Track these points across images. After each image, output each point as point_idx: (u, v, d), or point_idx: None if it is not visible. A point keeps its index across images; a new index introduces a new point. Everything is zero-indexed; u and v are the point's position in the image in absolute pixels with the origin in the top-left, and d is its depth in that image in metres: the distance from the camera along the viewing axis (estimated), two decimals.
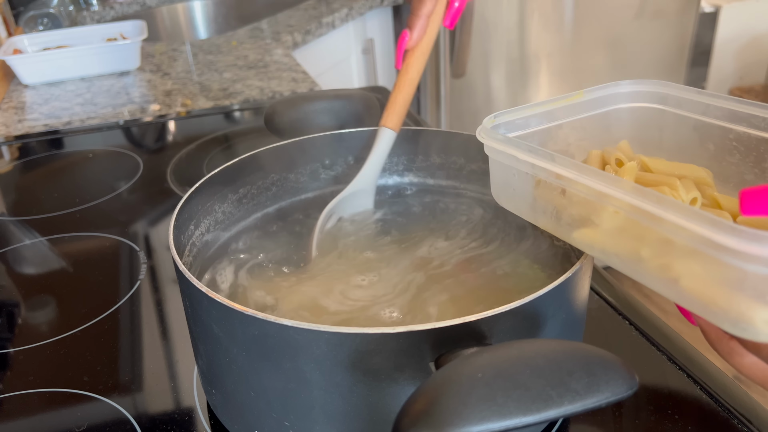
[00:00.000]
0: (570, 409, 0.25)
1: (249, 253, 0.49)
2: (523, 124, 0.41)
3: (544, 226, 0.37)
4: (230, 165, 0.48)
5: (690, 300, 0.29)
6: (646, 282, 0.31)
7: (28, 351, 0.51)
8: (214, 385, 0.39)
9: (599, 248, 0.33)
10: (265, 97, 1.02)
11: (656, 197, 0.28)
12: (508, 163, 0.38)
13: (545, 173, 0.34)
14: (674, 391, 0.43)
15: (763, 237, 0.24)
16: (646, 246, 0.30)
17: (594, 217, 0.33)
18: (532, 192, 0.37)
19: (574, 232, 0.35)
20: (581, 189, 0.32)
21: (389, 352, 0.31)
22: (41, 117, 1.00)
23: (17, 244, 0.67)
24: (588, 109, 0.43)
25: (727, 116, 0.39)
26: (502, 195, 0.41)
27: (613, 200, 0.31)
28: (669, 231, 0.28)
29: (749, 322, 0.26)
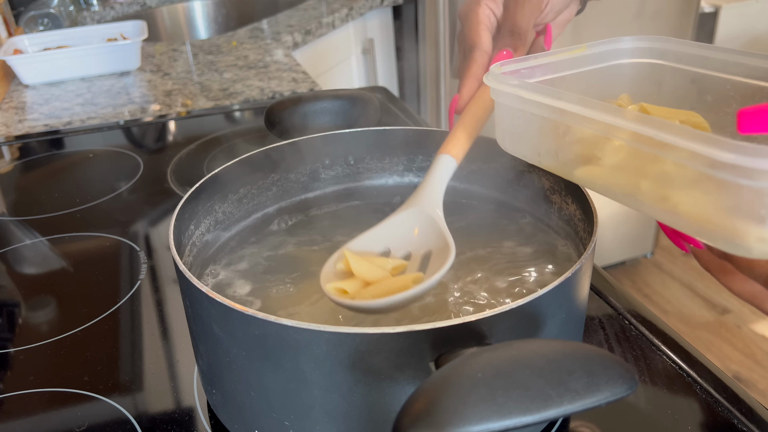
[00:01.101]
0: (570, 409, 0.25)
1: (249, 253, 0.49)
2: (527, 74, 0.42)
3: (547, 166, 0.39)
4: (230, 165, 0.48)
5: (686, 224, 0.30)
6: (646, 211, 0.33)
7: (28, 351, 0.51)
8: (215, 385, 0.39)
9: (601, 183, 0.35)
10: (265, 97, 1.02)
11: (658, 123, 0.30)
12: (514, 106, 0.39)
13: (550, 110, 0.36)
14: (674, 391, 0.43)
15: (760, 150, 0.25)
16: (646, 179, 0.32)
17: (597, 152, 0.34)
18: (537, 133, 0.38)
19: (576, 170, 0.36)
20: (586, 123, 0.34)
21: (389, 352, 0.31)
22: (41, 117, 1.00)
23: (17, 244, 0.67)
24: (590, 63, 0.44)
25: (725, 67, 0.40)
26: (507, 140, 0.42)
27: (616, 131, 0.32)
28: (672, 155, 0.29)
29: (743, 238, 0.27)
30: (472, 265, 0.46)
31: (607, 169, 0.34)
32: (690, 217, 0.30)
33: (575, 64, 0.43)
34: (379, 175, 0.56)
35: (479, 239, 0.49)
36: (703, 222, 0.29)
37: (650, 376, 0.44)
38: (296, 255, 0.48)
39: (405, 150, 0.55)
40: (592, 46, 0.43)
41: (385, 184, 0.56)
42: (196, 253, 0.46)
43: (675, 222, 0.31)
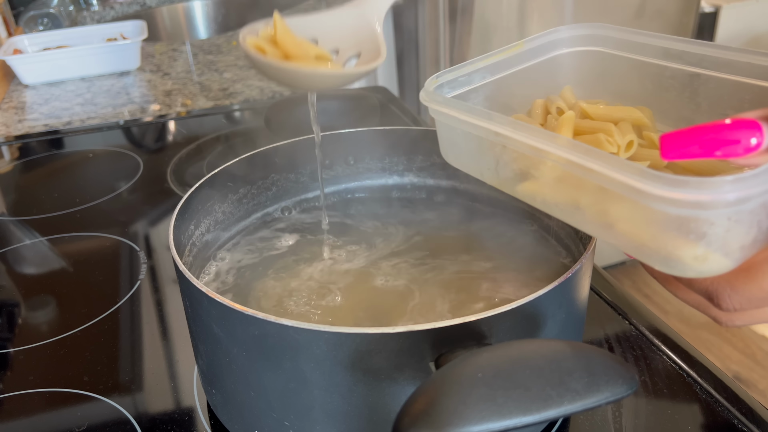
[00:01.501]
0: (570, 409, 0.25)
1: (249, 253, 0.49)
2: (466, 81, 0.41)
3: (490, 181, 0.39)
4: (230, 165, 0.48)
5: (625, 243, 0.30)
6: (586, 228, 0.33)
7: (28, 351, 0.51)
8: (214, 385, 0.39)
9: (540, 199, 0.35)
10: (265, 97, 1.02)
11: (585, 150, 0.30)
12: (451, 124, 0.38)
13: (485, 132, 0.35)
14: (674, 391, 0.43)
15: (683, 182, 0.25)
16: (583, 195, 0.32)
17: (533, 170, 0.34)
18: (475, 150, 0.38)
19: (517, 186, 0.36)
20: (518, 145, 0.34)
21: (389, 352, 0.31)
22: (41, 117, 1.00)
23: (17, 244, 0.67)
24: (529, 59, 0.43)
25: (662, 54, 0.40)
26: (450, 154, 0.42)
27: (547, 155, 0.32)
28: (600, 180, 0.29)
29: (678, 259, 0.27)
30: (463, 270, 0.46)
31: (546, 186, 0.34)
32: (627, 236, 0.30)
33: (515, 61, 0.43)
34: (379, 175, 0.56)
35: (478, 237, 0.49)
36: (640, 242, 0.29)
37: (650, 376, 0.44)
38: (296, 255, 0.48)
39: (405, 150, 0.55)
40: (530, 41, 0.43)
41: (385, 184, 0.56)
42: (196, 253, 0.46)
43: (615, 241, 0.31)
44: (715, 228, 0.26)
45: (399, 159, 0.55)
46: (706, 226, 0.26)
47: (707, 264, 0.27)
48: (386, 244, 0.49)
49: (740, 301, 0.27)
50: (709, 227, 0.26)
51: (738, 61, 0.36)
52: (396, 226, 0.51)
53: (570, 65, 0.45)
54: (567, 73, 0.45)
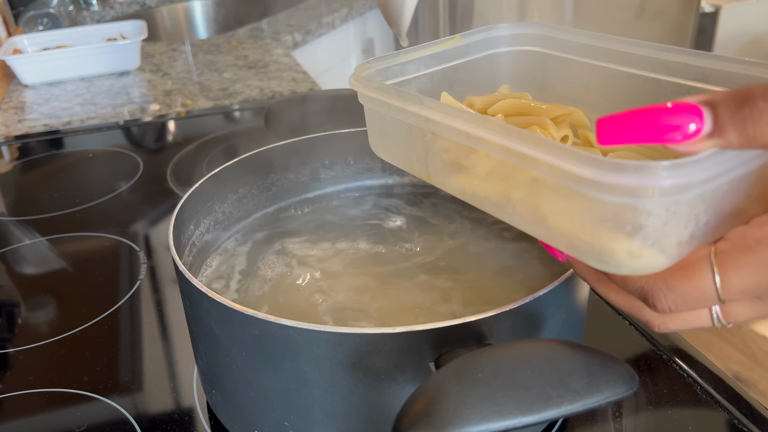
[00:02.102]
0: (570, 409, 0.25)
1: (249, 253, 0.49)
2: (399, 71, 0.39)
3: (419, 173, 0.37)
4: (230, 165, 0.48)
5: (557, 238, 0.29)
6: (517, 224, 0.31)
7: (28, 351, 0.51)
8: (214, 385, 0.39)
9: (470, 193, 0.33)
10: (265, 97, 1.02)
11: (519, 133, 0.28)
12: (380, 111, 0.37)
13: (415, 118, 0.34)
14: (674, 391, 0.43)
15: (619, 165, 0.24)
16: (515, 188, 0.30)
17: (464, 161, 0.32)
18: (405, 139, 0.36)
19: (447, 179, 0.34)
20: (449, 132, 0.32)
21: (389, 352, 0.31)
22: (41, 117, 1.00)
23: (17, 244, 0.67)
24: (465, 54, 0.41)
25: (609, 56, 0.38)
26: (378, 145, 0.40)
27: (479, 141, 0.30)
28: (533, 167, 0.28)
29: (611, 255, 0.26)
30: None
31: (477, 178, 0.32)
32: (559, 231, 0.28)
33: (450, 56, 0.41)
34: (378, 175, 0.56)
35: (477, 236, 0.49)
36: (572, 237, 0.28)
37: (650, 376, 0.44)
38: (296, 255, 0.48)
39: None
40: (467, 36, 0.41)
41: (384, 184, 0.56)
42: (196, 253, 0.46)
43: (546, 236, 0.29)
44: (652, 220, 0.24)
45: None
46: (642, 217, 0.24)
47: (642, 260, 0.25)
48: (386, 244, 0.49)
49: (676, 302, 0.25)
50: (645, 218, 0.24)
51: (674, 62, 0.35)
52: (396, 225, 0.51)
53: (508, 65, 0.43)
54: (504, 72, 0.43)
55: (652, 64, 0.36)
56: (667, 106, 0.23)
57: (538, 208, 0.29)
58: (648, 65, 0.36)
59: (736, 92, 0.23)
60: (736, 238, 0.25)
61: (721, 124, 0.23)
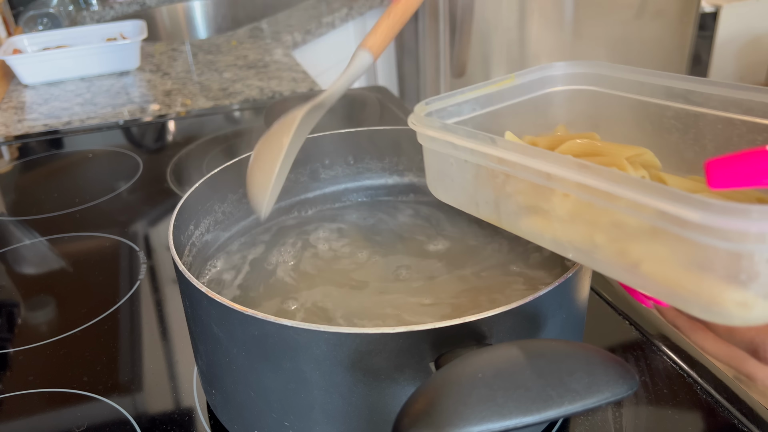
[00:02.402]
0: (570, 409, 0.25)
1: (249, 253, 0.49)
2: (455, 111, 0.39)
3: (488, 217, 0.35)
4: (230, 165, 0.48)
5: (653, 286, 0.27)
6: (605, 270, 0.29)
7: (27, 351, 0.51)
8: (214, 386, 0.39)
9: (550, 237, 0.31)
10: (265, 97, 1.02)
11: (610, 174, 0.26)
12: (444, 151, 0.36)
13: (486, 158, 0.32)
14: (674, 391, 0.43)
15: (735, 210, 0.22)
16: (600, 230, 0.28)
17: (543, 203, 0.31)
18: (472, 181, 0.35)
19: (521, 222, 0.33)
20: (526, 172, 0.30)
21: (389, 352, 0.31)
22: (41, 117, 1.00)
23: (17, 244, 0.67)
24: (521, 94, 0.41)
25: (664, 93, 0.37)
26: (440, 187, 0.39)
27: (563, 182, 0.28)
28: (626, 210, 0.26)
29: (721, 305, 0.24)
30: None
31: (557, 222, 0.30)
32: (656, 278, 0.26)
33: (505, 96, 0.40)
34: (379, 175, 0.56)
35: (479, 237, 0.49)
36: (673, 285, 0.25)
37: (651, 376, 0.44)
38: (296, 255, 0.48)
39: (405, 150, 0.55)
40: (522, 75, 0.41)
41: (384, 184, 0.56)
42: (196, 253, 0.46)
43: (639, 284, 0.27)
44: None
45: (399, 159, 0.55)
46: (761, 264, 0.22)
47: (756, 311, 0.23)
48: (386, 243, 0.49)
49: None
50: (764, 266, 0.22)
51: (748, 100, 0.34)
52: (396, 225, 0.51)
53: (563, 104, 0.42)
54: (560, 111, 0.42)
55: (723, 103, 0.35)
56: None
57: (628, 253, 0.27)
58: (718, 103, 0.35)
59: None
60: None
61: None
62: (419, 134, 0.37)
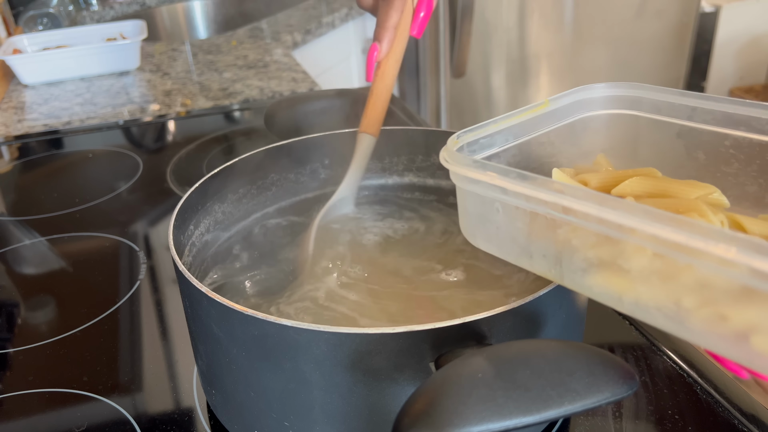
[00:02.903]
0: (570, 409, 0.25)
1: (248, 253, 0.49)
2: (488, 143, 0.35)
3: (545, 273, 0.31)
4: (230, 165, 0.48)
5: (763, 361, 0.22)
6: (704, 343, 0.25)
7: (27, 351, 0.51)
8: (214, 386, 0.39)
9: (631, 300, 0.27)
10: (265, 97, 1.02)
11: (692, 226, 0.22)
12: (488, 195, 0.31)
13: (546, 206, 0.28)
14: (674, 391, 0.43)
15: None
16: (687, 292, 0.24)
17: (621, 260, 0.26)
18: (524, 230, 0.30)
19: (590, 280, 0.28)
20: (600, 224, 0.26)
21: (389, 352, 0.31)
22: (41, 117, 1.00)
23: (17, 244, 0.67)
24: (555, 120, 0.38)
25: (720, 119, 0.33)
26: (480, 234, 0.33)
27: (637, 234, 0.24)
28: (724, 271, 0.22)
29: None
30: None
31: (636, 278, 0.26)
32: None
33: (539, 123, 0.37)
34: (379, 175, 0.56)
35: None
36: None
37: (651, 376, 0.44)
38: (296, 255, 0.48)
39: (405, 150, 0.55)
40: (556, 100, 0.37)
41: (385, 184, 0.56)
42: (196, 253, 0.46)
43: (752, 361, 0.23)
44: None
45: (399, 159, 0.55)
46: None
47: None
48: (387, 243, 0.49)
49: None
50: None
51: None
52: (397, 225, 0.51)
53: (601, 130, 0.39)
54: (598, 138, 0.39)
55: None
56: None
57: (727, 317, 0.23)
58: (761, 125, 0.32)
59: None
60: None
61: None
62: (453, 174, 0.32)
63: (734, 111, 0.33)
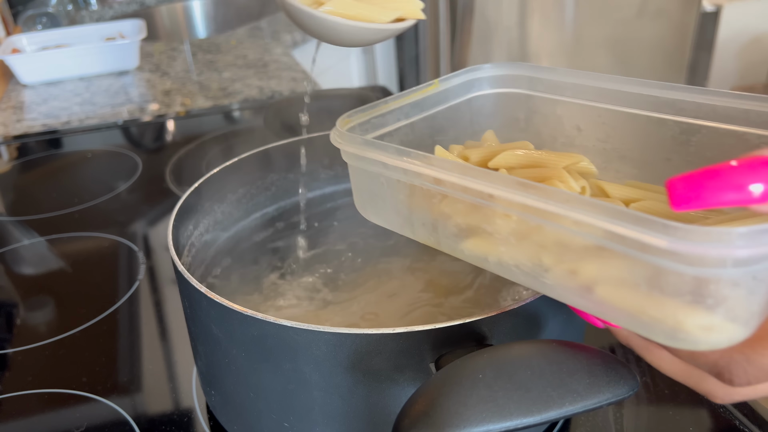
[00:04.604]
0: (571, 410, 0.25)
1: (248, 252, 0.49)
2: (380, 123, 0.37)
3: (425, 240, 0.33)
4: (230, 165, 0.48)
5: (610, 311, 0.25)
6: (557, 295, 0.27)
7: (26, 351, 0.51)
8: (213, 386, 0.39)
9: (495, 260, 0.29)
10: (265, 96, 1.02)
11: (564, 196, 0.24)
12: (374, 170, 0.33)
13: (420, 178, 0.30)
14: (675, 392, 0.43)
15: (704, 234, 0.21)
16: (547, 251, 0.26)
17: (484, 224, 0.28)
18: (406, 202, 0.32)
19: (462, 244, 0.30)
20: (465, 193, 0.28)
21: (389, 353, 0.31)
22: (40, 117, 1.00)
23: (16, 244, 0.67)
24: (446, 100, 0.39)
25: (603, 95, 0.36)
26: (369, 207, 0.36)
27: (503, 202, 0.26)
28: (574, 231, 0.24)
29: (687, 331, 0.23)
30: None
31: (502, 244, 0.28)
32: (612, 303, 0.24)
33: (430, 103, 0.38)
34: None
35: None
36: (633, 311, 0.24)
37: (651, 377, 0.44)
38: (295, 255, 0.48)
39: None
40: (445, 80, 0.39)
41: None
42: (195, 253, 0.46)
43: (595, 309, 0.25)
44: (738, 290, 0.21)
45: None
46: (727, 288, 0.21)
47: (722, 334, 0.22)
48: (387, 243, 0.49)
49: (756, 375, 0.23)
50: (731, 290, 0.21)
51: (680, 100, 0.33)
52: None
53: (490, 109, 0.41)
54: (487, 116, 0.41)
55: (655, 103, 0.34)
56: (748, 164, 0.21)
57: (579, 274, 0.25)
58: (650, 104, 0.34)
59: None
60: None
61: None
62: (343, 152, 0.34)
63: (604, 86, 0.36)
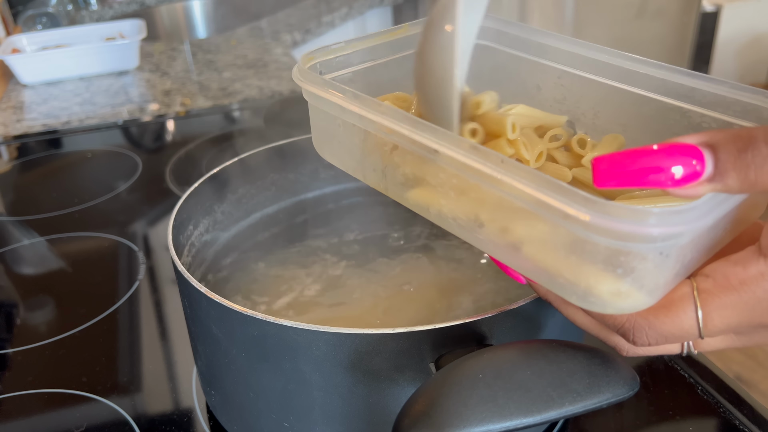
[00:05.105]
0: (571, 410, 0.25)
1: (248, 253, 0.49)
2: (343, 63, 0.36)
3: (375, 184, 0.33)
4: (230, 165, 0.48)
5: (533, 270, 0.27)
6: (487, 249, 0.29)
7: (26, 351, 0.51)
8: (213, 386, 0.39)
9: (435, 212, 0.30)
10: (265, 96, 1.02)
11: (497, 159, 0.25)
12: (332, 112, 0.33)
13: (374, 125, 0.30)
14: (675, 392, 0.43)
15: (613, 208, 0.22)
16: (485, 209, 0.27)
17: (429, 177, 0.29)
18: (360, 146, 0.33)
19: (407, 193, 0.31)
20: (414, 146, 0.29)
21: (389, 353, 0.31)
22: (40, 117, 1.00)
23: (16, 244, 0.67)
24: (413, 45, 0.37)
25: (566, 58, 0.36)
26: (326, 148, 0.36)
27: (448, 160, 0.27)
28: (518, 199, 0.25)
29: (597, 295, 0.24)
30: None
31: (443, 197, 0.29)
32: (535, 262, 0.26)
33: (398, 46, 0.38)
34: None
35: None
36: (552, 272, 0.26)
37: (651, 377, 0.44)
38: (295, 255, 0.48)
39: None
40: (415, 25, 0.38)
41: None
42: (195, 253, 0.46)
43: (520, 266, 0.27)
44: (646, 263, 0.23)
45: None
46: (636, 260, 0.23)
47: (629, 301, 0.24)
48: (387, 244, 0.49)
49: (656, 338, 0.25)
50: (639, 262, 0.23)
51: (676, 83, 0.33)
52: (397, 224, 0.51)
53: None
54: None
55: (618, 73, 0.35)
56: (667, 148, 0.22)
57: (510, 232, 0.27)
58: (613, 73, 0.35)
59: (737, 135, 0.22)
60: (720, 277, 0.24)
61: (722, 168, 0.22)
62: (304, 91, 0.34)
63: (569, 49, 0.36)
